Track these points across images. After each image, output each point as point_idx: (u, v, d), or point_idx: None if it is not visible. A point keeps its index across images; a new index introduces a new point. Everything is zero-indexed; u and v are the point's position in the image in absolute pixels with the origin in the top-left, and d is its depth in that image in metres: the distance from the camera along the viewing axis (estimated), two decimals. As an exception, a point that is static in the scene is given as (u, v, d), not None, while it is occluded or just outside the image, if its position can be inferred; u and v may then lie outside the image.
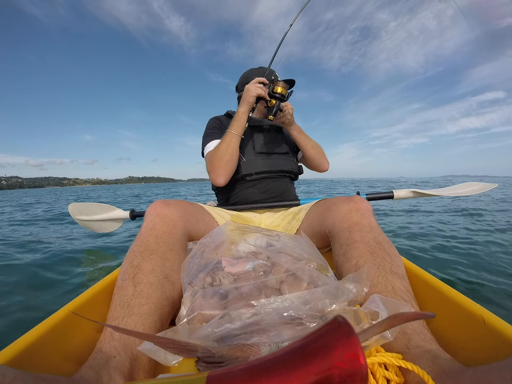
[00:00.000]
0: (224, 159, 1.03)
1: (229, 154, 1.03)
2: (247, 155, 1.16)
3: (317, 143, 1.22)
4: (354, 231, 0.63)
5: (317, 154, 1.21)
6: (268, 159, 1.17)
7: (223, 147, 1.03)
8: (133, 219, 1.61)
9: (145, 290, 0.52)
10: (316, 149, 1.21)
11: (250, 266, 0.58)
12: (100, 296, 0.59)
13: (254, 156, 1.16)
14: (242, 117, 1.05)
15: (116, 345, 0.44)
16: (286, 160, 1.20)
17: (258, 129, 1.22)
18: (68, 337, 0.48)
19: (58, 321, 0.47)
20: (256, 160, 1.16)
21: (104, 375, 0.39)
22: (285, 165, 1.19)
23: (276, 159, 1.18)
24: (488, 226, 2.67)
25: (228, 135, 1.04)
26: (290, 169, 1.20)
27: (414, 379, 0.37)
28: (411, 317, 0.27)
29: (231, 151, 1.03)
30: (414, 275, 0.59)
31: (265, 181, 1.16)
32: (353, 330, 0.20)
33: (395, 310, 0.44)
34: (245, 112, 1.05)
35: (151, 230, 0.63)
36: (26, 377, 0.29)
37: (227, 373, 0.21)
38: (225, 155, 1.03)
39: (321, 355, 0.20)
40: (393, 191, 1.38)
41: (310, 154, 1.20)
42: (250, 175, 1.13)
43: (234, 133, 1.04)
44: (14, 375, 0.28)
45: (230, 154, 1.03)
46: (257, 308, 0.45)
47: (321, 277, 0.53)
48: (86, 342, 0.50)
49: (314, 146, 1.21)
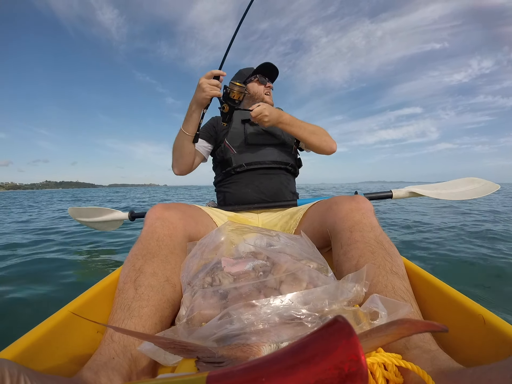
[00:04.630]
0: (175, 154, 1.11)
1: (178, 151, 1.09)
2: (239, 147, 1.14)
3: (317, 127, 1.13)
4: (355, 230, 0.63)
5: (318, 139, 1.12)
6: (259, 150, 1.13)
7: (175, 143, 1.09)
8: (132, 220, 1.61)
9: (146, 293, 0.52)
10: (316, 134, 1.11)
11: (250, 266, 0.58)
12: (100, 297, 0.59)
13: (245, 148, 1.14)
14: (193, 116, 1.00)
15: (115, 347, 0.44)
16: (280, 151, 1.16)
17: (250, 121, 1.17)
18: (69, 337, 0.48)
19: (58, 321, 0.47)
20: (246, 152, 1.13)
21: (103, 377, 0.39)
22: (278, 156, 1.14)
23: (269, 150, 1.14)
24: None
25: (179, 133, 1.05)
26: (285, 160, 1.16)
27: (413, 380, 0.37)
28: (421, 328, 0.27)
29: (180, 148, 1.07)
30: (415, 275, 0.59)
31: (258, 179, 1.12)
32: (353, 330, 0.20)
33: (395, 310, 0.44)
34: (196, 111, 0.99)
35: (152, 233, 0.63)
36: (29, 373, 0.29)
37: (227, 373, 0.21)
38: (175, 151, 1.10)
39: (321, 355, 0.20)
40: (391, 190, 1.38)
41: (311, 142, 1.11)
42: (240, 166, 1.11)
43: (184, 132, 1.03)
44: (18, 370, 0.28)
45: (179, 151, 1.08)
46: (256, 308, 0.45)
47: (321, 277, 0.53)
48: (86, 343, 0.50)
49: (313, 131, 1.11)
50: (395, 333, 0.27)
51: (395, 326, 0.28)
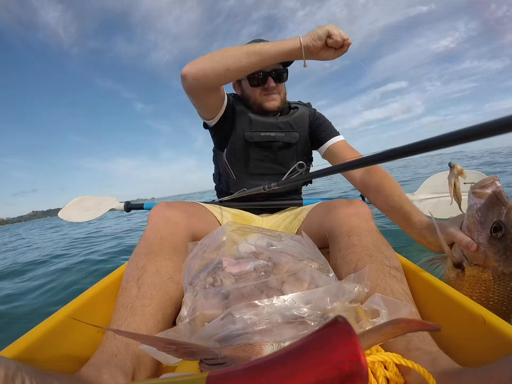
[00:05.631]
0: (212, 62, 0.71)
1: (224, 61, 0.70)
2: (239, 173, 1.00)
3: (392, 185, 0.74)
4: (353, 235, 0.63)
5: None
6: (262, 180, 0.93)
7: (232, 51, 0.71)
8: (128, 211, 1.56)
9: (149, 291, 0.53)
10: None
11: (251, 266, 0.59)
12: (102, 296, 0.59)
13: (246, 175, 1.00)
14: (279, 52, 0.70)
15: (118, 344, 0.45)
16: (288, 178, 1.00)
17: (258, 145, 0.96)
18: (69, 337, 0.49)
19: (59, 321, 0.48)
20: (247, 180, 0.98)
21: (105, 373, 0.40)
22: (284, 188, 0.96)
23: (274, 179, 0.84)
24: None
25: (242, 48, 0.72)
26: (294, 188, 1.09)
27: (414, 380, 0.37)
28: (414, 327, 0.27)
29: (233, 60, 0.70)
30: (414, 275, 0.59)
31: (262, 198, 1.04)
32: (353, 330, 0.21)
33: (396, 310, 0.44)
34: (281, 55, 0.71)
35: (155, 232, 0.64)
36: (28, 370, 0.30)
37: (227, 373, 0.22)
38: (216, 59, 0.71)
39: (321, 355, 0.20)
40: None
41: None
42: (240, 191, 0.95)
43: (260, 50, 0.71)
44: (17, 367, 0.28)
45: (227, 62, 0.70)
46: (259, 308, 0.45)
47: (322, 277, 0.53)
48: (88, 342, 0.51)
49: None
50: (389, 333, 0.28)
51: (390, 326, 0.28)
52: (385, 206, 0.71)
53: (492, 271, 0.50)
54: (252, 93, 0.95)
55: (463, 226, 0.53)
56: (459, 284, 0.54)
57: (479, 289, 0.51)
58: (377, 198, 0.74)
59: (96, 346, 0.47)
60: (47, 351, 0.44)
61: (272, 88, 0.92)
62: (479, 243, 0.50)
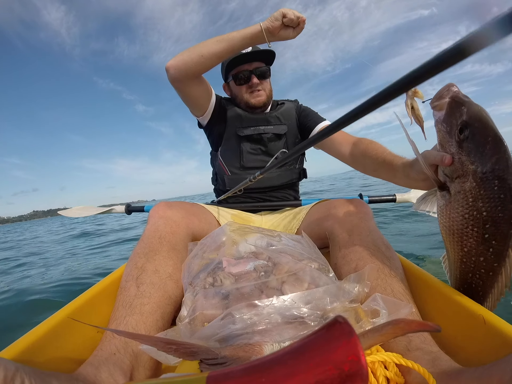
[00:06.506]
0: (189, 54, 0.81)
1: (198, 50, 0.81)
2: (233, 169, 1.03)
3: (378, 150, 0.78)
4: (353, 234, 0.63)
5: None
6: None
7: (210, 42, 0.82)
8: (128, 214, 1.57)
9: (148, 290, 0.53)
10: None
11: (251, 267, 0.59)
12: (101, 296, 0.60)
13: (241, 171, 1.03)
14: (242, 42, 0.81)
15: (117, 343, 0.45)
16: (281, 172, 1.05)
17: (249, 138, 1.03)
18: (69, 337, 0.49)
19: (58, 321, 0.48)
20: (242, 175, 1.01)
21: (103, 372, 0.40)
22: (278, 179, 1.05)
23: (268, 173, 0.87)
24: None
25: (209, 40, 0.82)
26: (287, 180, 1.08)
27: (414, 380, 0.37)
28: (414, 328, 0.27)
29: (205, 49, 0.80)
30: (414, 275, 0.59)
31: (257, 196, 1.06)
32: (354, 330, 0.21)
33: (396, 310, 0.44)
34: (247, 40, 0.81)
35: (155, 232, 0.64)
36: (27, 370, 0.30)
37: (227, 373, 0.21)
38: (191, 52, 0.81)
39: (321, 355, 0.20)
40: (395, 194, 1.38)
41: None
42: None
43: (227, 38, 0.81)
44: (15, 368, 0.28)
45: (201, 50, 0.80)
46: (259, 308, 0.45)
47: (322, 277, 0.53)
48: (88, 342, 0.51)
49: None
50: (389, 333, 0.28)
51: (390, 326, 0.28)
52: (373, 166, 0.74)
53: (473, 176, 0.45)
54: (239, 92, 1.02)
55: (437, 145, 0.51)
56: (450, 210, 0.50)
57: (468, 204, 0.47)
58: (365, 162, 0.78)
59: (95, 347, 0.47)
60: (46, 351, 0.44)
61: (256, 84, 0.99)
62: (452, 153, 0.47)
